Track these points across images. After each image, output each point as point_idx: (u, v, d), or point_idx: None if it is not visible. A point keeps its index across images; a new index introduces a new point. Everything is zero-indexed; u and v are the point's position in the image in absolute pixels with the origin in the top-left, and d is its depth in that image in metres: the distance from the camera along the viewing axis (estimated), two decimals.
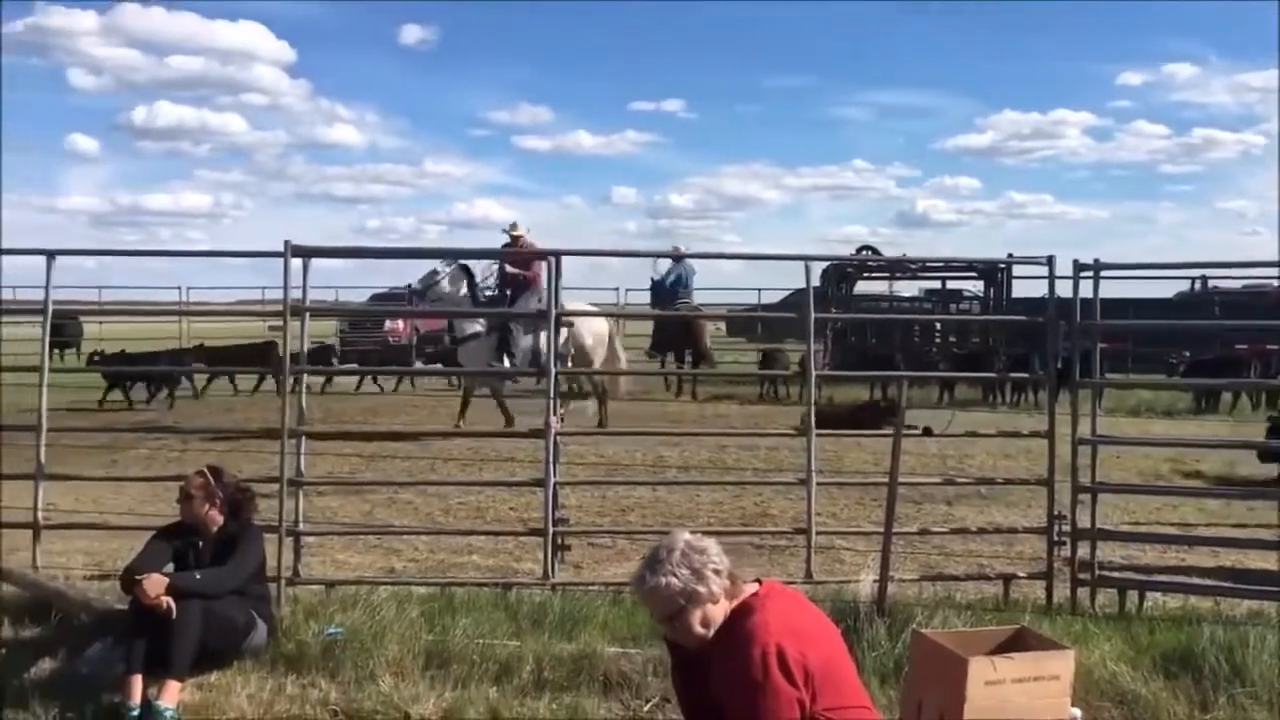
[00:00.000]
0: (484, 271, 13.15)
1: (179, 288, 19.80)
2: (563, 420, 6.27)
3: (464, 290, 12.88)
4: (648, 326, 21.10)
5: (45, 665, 4.91)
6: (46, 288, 6.07)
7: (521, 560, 6.96)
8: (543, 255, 8.20)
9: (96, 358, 16.56)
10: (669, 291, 18.30)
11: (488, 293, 13.26)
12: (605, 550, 7.33)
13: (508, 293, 13.43)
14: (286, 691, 4.69)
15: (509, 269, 12.99)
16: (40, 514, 6.02)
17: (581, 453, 9.90)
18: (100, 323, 20.65)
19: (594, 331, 13.30)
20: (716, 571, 3.19)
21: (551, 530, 5.96)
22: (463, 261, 12.76)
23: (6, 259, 6.62)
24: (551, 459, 5.95)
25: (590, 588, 6.02)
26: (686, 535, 3.30)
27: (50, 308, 6.10)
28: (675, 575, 3.15)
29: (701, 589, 3.16)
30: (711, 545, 3.26)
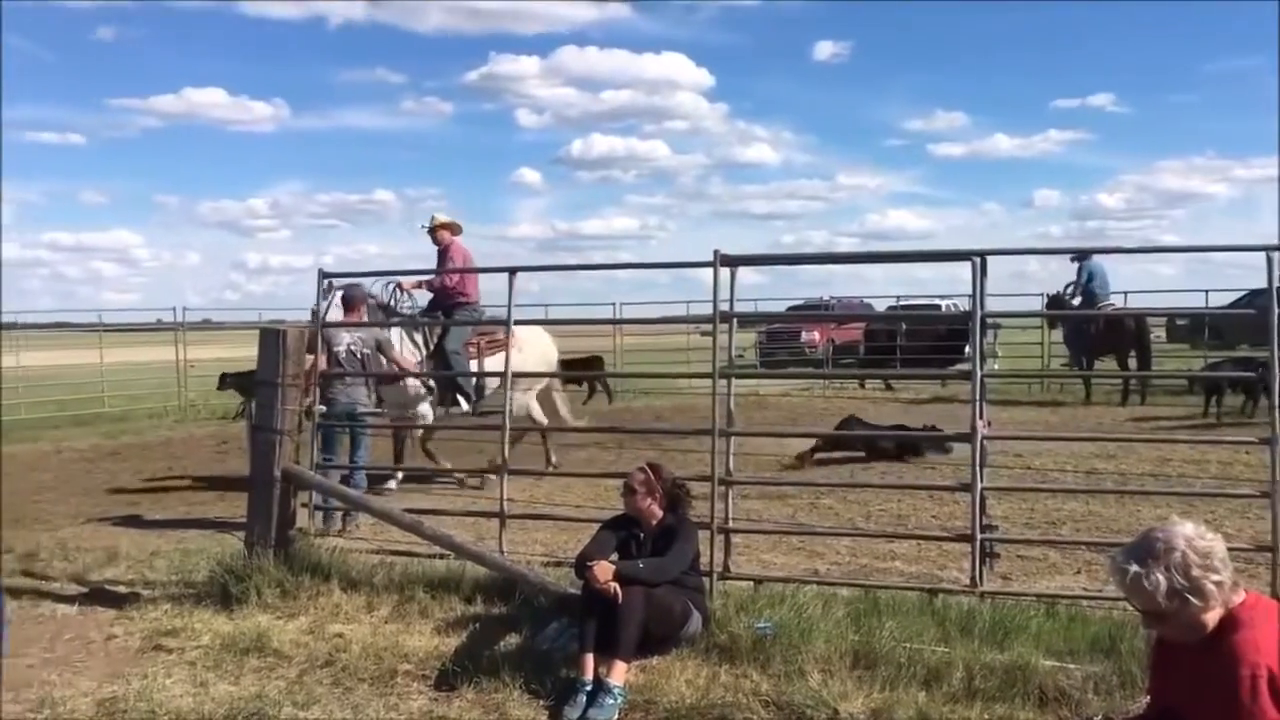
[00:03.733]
0: (383, 289, 10.03)
1: (613, 304, 21.23)
2: (989, 424, 6.07)
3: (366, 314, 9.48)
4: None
5: (511, 640, 5.46)
6: (509, 305, 6.79)
7: (945, 568, 6.83)
8: (963, 255, 6.03)
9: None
10: (1087, 292, 17.01)
11: (406, 307, 10.37)
12: (1035, 562, 7.00)
13: (438, 313, 10.48)
14: (721, 680, 4.91)
15: (428, 285, 10.33)
16: (505, 505, 6.74)
17: (1006, 461, 9.57)
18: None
19: (546, 358, 11.01)
20: (1218, 584, 2.89)
21: (979, 536, 5.80)
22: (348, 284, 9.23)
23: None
24: (978, 463, 5.79)
25: (1022, 598, 5.78)
26: (1188, 531, 2.96)
27: (512, 319, 6.83)
28: (1168, 577, 2.88)
29: (1195, 600, 2.89)
30: (1217, 549, 2.93)
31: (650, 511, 5.40)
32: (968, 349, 8.38)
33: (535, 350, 10.63)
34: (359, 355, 8.88)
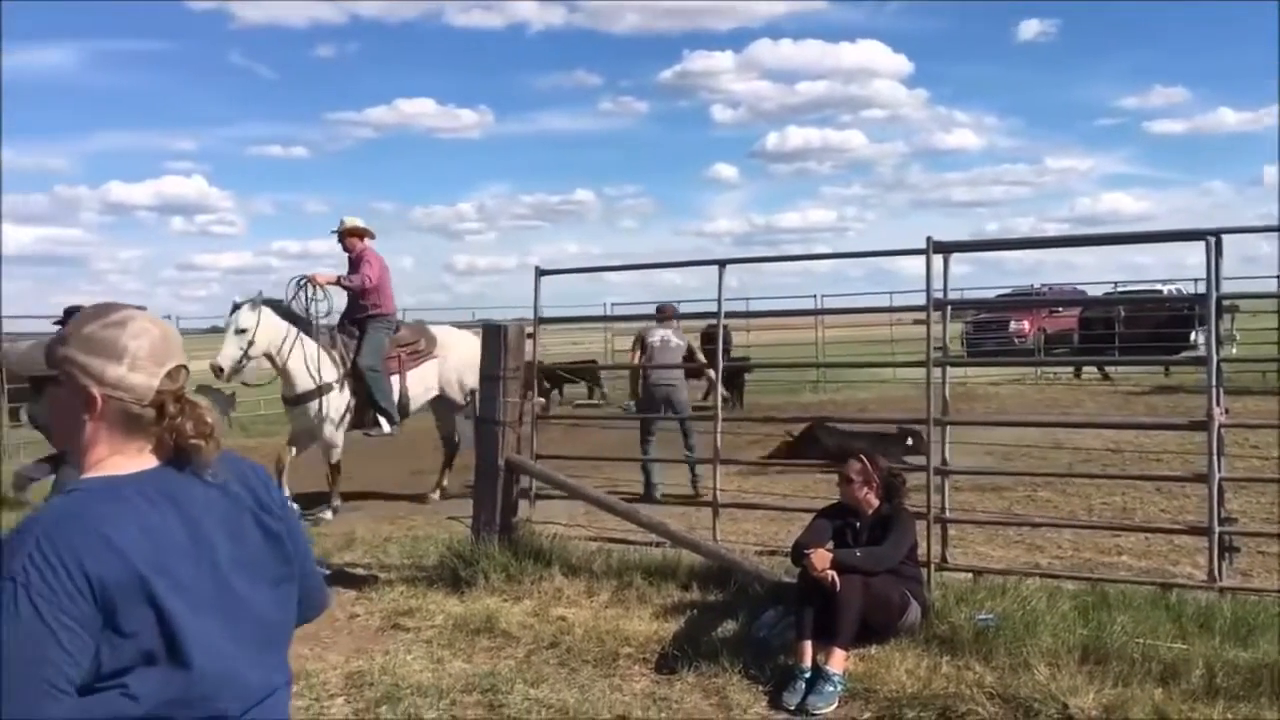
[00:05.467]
0: (291, 291, 9.23)
1: (814, 296, 21.10)
2: (1227, 413, 5.76)
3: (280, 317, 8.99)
4: None
5: (728, 626, 5.55)
6: (719, 298, 6.88)
7: (1178, 563, 6.52)
8: (1197, 235, 5.53)
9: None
10: None
11: (321, 308, 9.38)
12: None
13: (347, 321, 9.61)
14: (942, 671, 4.85)
15: (346, 281, 9.26)
16: (718, 494, 6.84)
17: (1240, 452, 9.03)
18: (748, 330, 22.67)
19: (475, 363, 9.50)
20: None
21: (1218, 529, 5.52)
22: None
23: (664, 273, 7.64)
24: (1215, 452, 5.51)
25: (1265, 595, 5.47)
26: None
27: (723, 311, 6.93)
28: None
29: None
30: None
31: (866, 501, 5.39)
32: (1194, 335, 7.84)
33: (467, 354, 9.51)
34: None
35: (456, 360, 9.80)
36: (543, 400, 9.42)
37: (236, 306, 8.75)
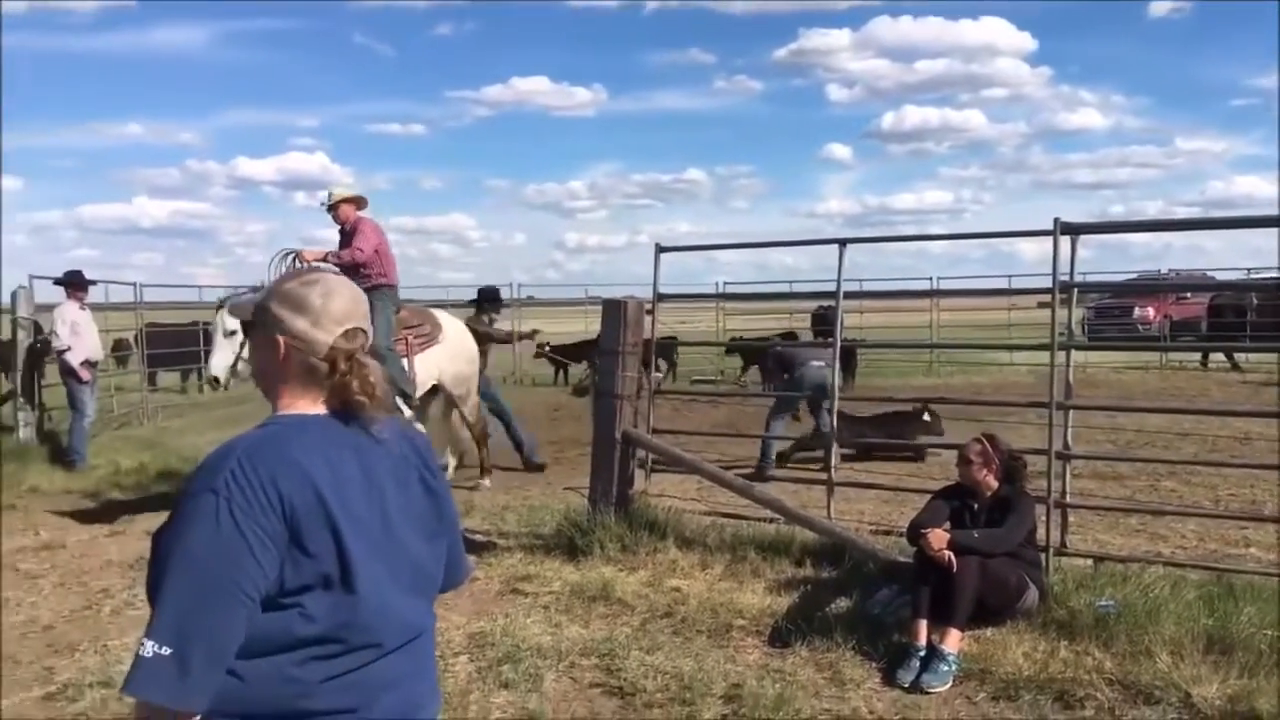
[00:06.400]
0: (275, 270, 8.11)
1: (930, 278, 20.82)
2: None
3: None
4: None
5: (842, 603, 5.59)
6: (838, 278, 6.88)
7: None
8: None
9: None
10: None
11: None
12: None
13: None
14: (1060, 655, 4.81)
15: (334, 257, 8.34)
16: (832, 473, 6.86)
17: None
18: (861, 311, 22.46)
19: (471, 354, 9.55)
20: None
21: None
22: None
23: (777, 253, 7.62)
24: None
25: None
26: None
27: (841, 291, 6.92)
28: None
29: None
30: None
31: (985, 483, 5.35)
32: None
33: (464, 345, 9.36)
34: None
35: (454, 348, 9.20)
36: (659, 375, 9.51)
37: (220, 305, 8.23)
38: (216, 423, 12.89)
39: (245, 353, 7.67)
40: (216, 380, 8.13)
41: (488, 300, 11.55)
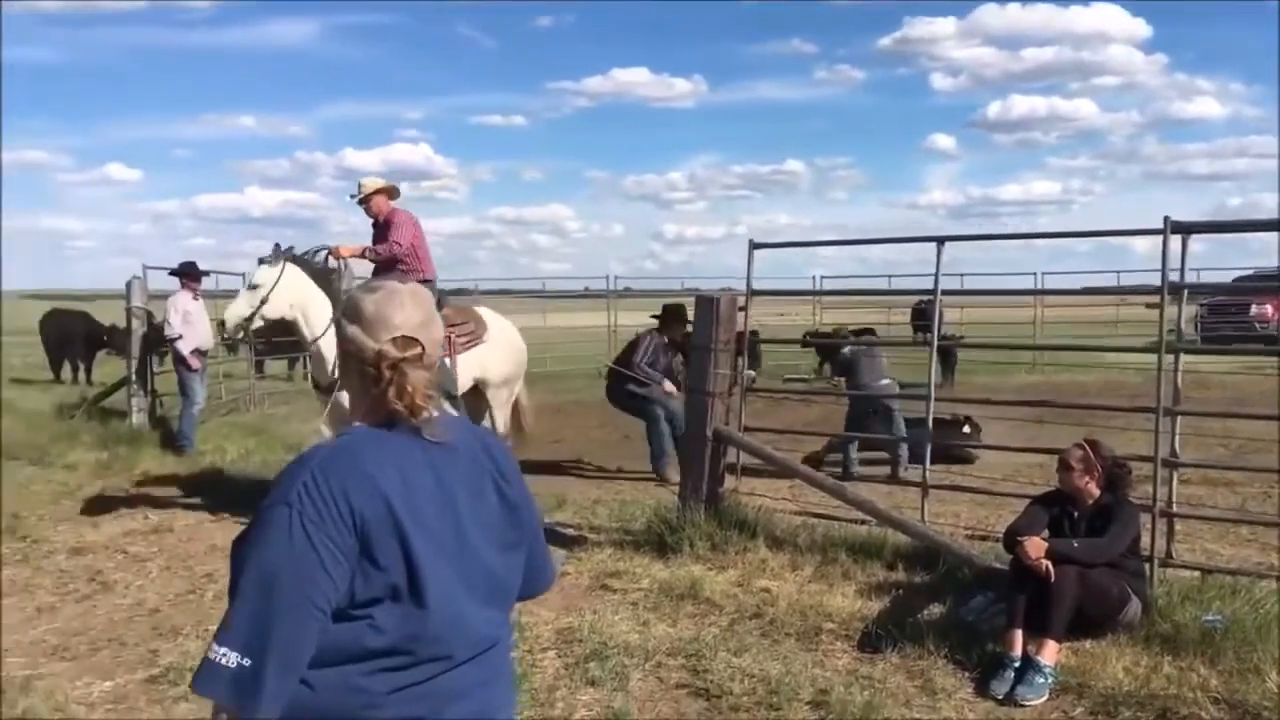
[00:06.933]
0: (309, 260, 7.78)
1: (1033, 274, 20.28)
2: None
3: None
4: None
5: (934, 609, 5.48)
6: (936, 274, 6.73)
7: None
8: None
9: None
10: None
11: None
12: None
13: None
14: (1163, 670, 4.66)
15: (371, 252, 7.95)
16: (926, 475, 6.74)
17: None
18: (961, 307, 22.02)
19: (520, 356, 8.93)
20: None
21: None
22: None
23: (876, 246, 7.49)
24: None
25: None
26: None
27: (940, 289, 6.77)
28: None
29: None
30: None
31: (1087, 490, 5.19)
32: None
33: (510, 344, 8.84)
34: None
35: (500, 347, 8.63)
36: (752, 373, 9.44)
37: (261, 261, 7.53)
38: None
39: (264, 309, 7.29)
40: (223, 326, 7.50)
41: (675, 319, 10.34)
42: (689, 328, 9.23)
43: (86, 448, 11.12)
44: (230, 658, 1.59)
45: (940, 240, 6.64)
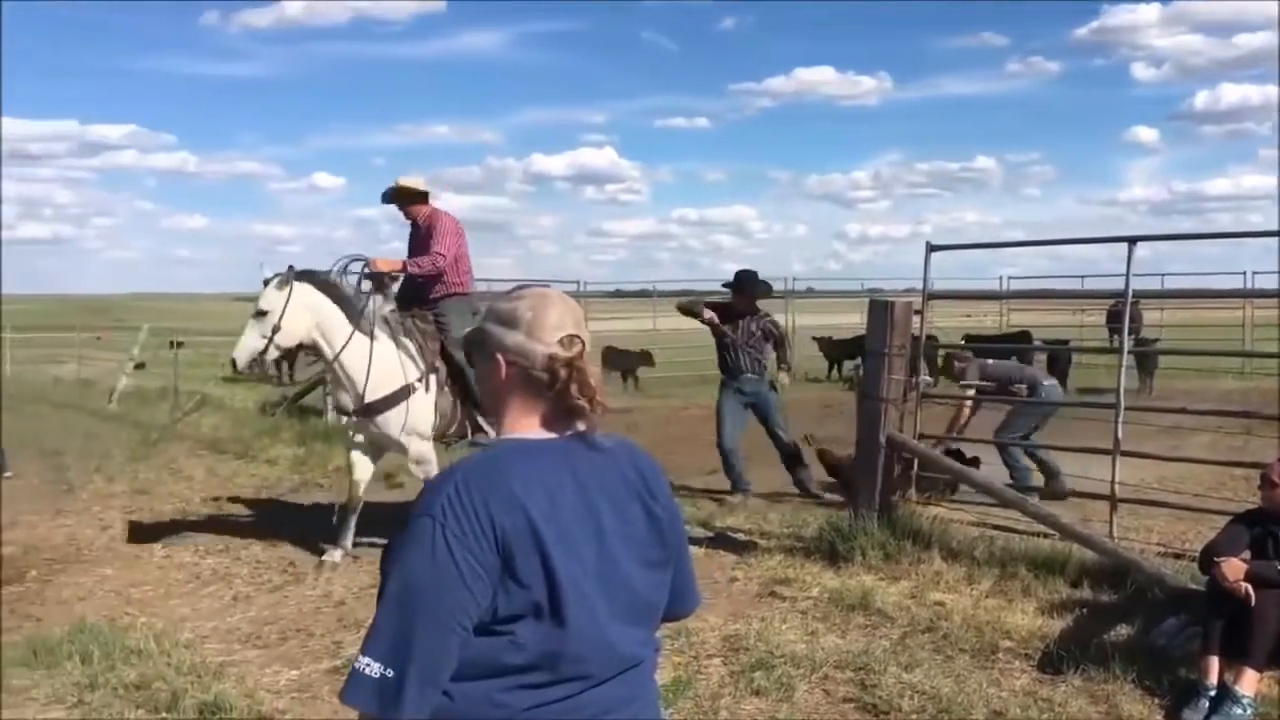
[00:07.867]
0: (340, 272, 7.04)
1: (1243, 273, 18.97)
2: None
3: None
4: None
5: (1121, 631, 5.19)
6: (1127, 275, 6.39)
7: None
8: None
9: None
10: None
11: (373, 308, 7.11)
12: None
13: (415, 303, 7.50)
14: None
15: (414, 265, 7.21)
16: (1116, 487, 6.40)
17: None
18: (1161, 309, 20.87)
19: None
20: None
21: None
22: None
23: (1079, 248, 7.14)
24: None
25: None
26: None
27: (1131, 291, 6.43)
28: None
29: None
30: None
31: None
32: None
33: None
34: None
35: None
36: (929, 379, 9.16)
37: (266, 283, 6.80)
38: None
39: (277, 338, 6.73)
40: (234, 364, 7.00)
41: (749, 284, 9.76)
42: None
43: (286, 444, 11.74)
44: (374, 668, 1.61)
45: (1132, 240, 6.31)
